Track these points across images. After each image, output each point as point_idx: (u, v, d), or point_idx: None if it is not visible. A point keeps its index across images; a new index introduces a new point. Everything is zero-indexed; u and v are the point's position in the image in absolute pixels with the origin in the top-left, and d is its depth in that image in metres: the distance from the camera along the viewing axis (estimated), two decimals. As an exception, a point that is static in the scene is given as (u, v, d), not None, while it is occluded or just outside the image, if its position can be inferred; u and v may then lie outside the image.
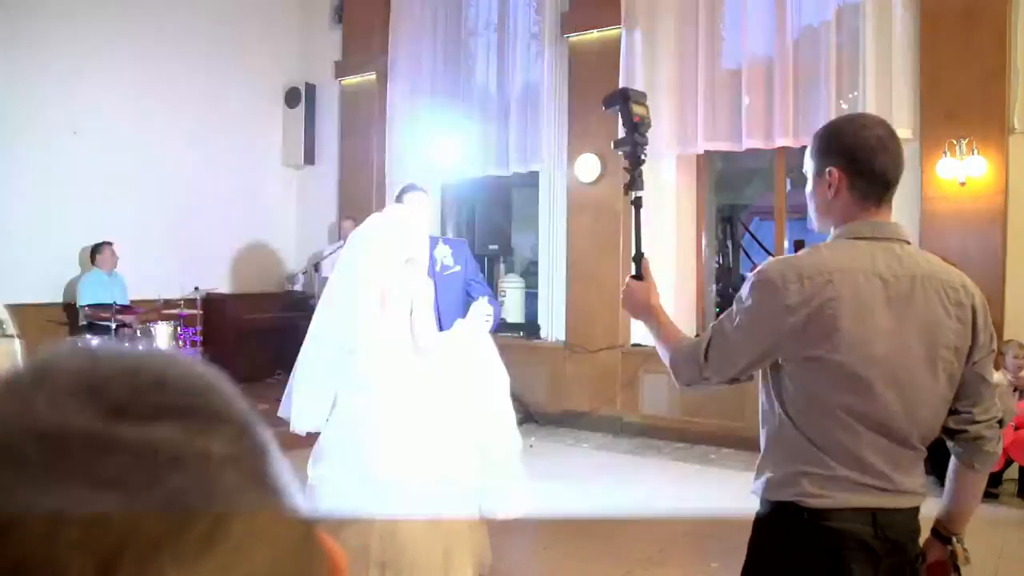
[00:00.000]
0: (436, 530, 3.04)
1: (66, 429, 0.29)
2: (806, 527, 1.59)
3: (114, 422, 0.30)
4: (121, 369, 0.32)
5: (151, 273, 7.60)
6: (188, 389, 0.33)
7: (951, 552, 1.73)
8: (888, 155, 1.66)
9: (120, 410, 0.30)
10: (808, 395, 1.61)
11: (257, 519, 0.31)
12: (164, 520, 0.28)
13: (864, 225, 1.66)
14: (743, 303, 1.66)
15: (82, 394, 0.30)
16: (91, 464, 0.28)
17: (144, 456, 0.29)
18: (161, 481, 0.29)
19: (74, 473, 0.28)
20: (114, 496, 0.28)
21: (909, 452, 1.61)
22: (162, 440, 0.30)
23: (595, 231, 7.17)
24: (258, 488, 0.32)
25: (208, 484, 0.30)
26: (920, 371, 1.58)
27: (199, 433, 0.31)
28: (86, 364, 0.32)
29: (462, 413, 3.18)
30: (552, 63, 7.54)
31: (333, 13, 9.24)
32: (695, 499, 5.03)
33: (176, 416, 0.31)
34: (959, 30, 5.69)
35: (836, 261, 1.60)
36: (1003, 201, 5.60)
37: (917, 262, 1.63)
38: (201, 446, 0.30)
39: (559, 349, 7.30)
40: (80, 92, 7.43)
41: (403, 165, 8.47)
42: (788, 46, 6.35)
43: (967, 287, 1.64)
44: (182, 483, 0.29)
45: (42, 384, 0.31)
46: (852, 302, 1.56)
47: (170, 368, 0.33)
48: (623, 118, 2.02)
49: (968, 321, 1.62)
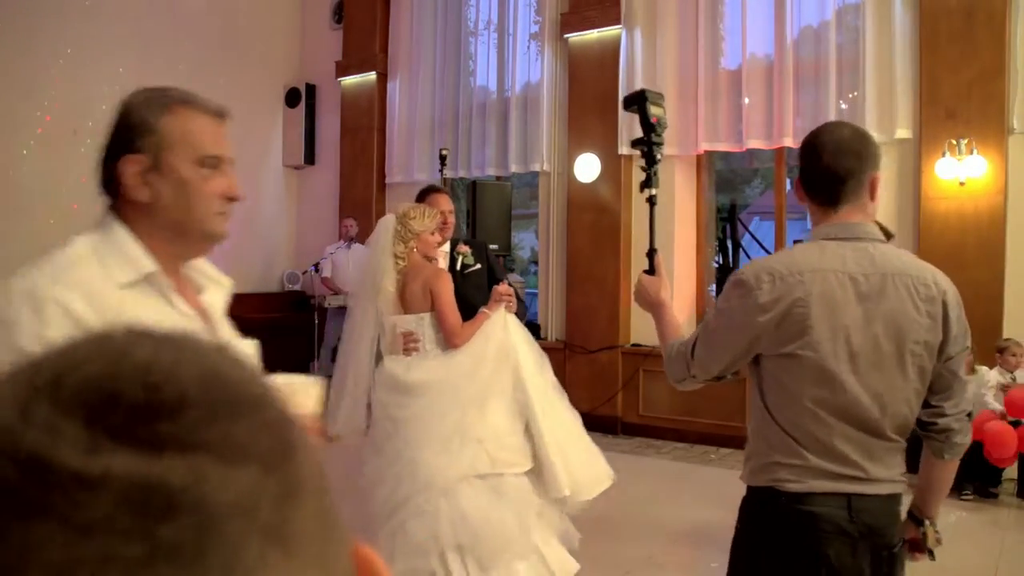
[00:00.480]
0: (501, 501, 3.03)
1: (52, 459, 0.26)
2: (783, 511, 1.67)
3: (110, 452, 0.26)
4: (142, 382, 0.28)
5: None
6: (210, 415, 0.28)
7: (923, 533, 1.82)
8: (834, 153, 1.70)
9: (122, 435, 0.27)
10: (783, 389, 1.69)
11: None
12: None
13: (832, 227, 1.72)
14: (722, 304, 1.77)
15: (82, 413, 0.27)
16: (74, 503, 0.25)
17: (135, 500, 0.25)
18: (148, 533, 0.25)
19: (53, 511, 0.25)
20: (92, 545, 0.24)
21: (883, 443, 1.68)
22: (160, 481, 0.26)
23: (594, 231, 7.17)
24: (272, 544, 0.27)
25: (204, 540, 0.26)
26: (889, 365, 1.65)
27: (209, 474, 0.27)
28: (105, 370, 0.28)
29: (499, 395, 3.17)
30: (552, 63, 7.54)
31: (333, 13, 9.24)
32: (695, 499, 5.03)
33: (186, 449, 0.27)
34: (959, 30, 5.69)
35: (807, 261, 1.68)
36: (1002, 201, 5.60)
37: (889, 260, 1.69)
38: (205, 491, 0.26)
39: (559, 349, 7.30)
40: (80, 92, 7.43)
41: (403, 165, 8.48)
42: (788, 46, 6.36)
43: (939, 283, 1.70)
44: (173, 537, 0.25)
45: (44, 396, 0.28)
46: (822, 300, 1.64)
47: (200, 385, 0.29)
48: (640, 118, 2.09)
49: (939, 316, 1.67)
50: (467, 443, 3.04)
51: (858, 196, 1.71)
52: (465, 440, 3.04)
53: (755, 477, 1.75)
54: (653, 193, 2.13)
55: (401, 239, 3.26)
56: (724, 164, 8.00)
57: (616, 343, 7.01)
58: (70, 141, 7.39)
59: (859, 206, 1.72)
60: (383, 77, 8.69)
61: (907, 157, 5.92)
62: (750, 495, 1.78)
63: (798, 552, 1.66)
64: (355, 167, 8.79)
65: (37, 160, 7.15)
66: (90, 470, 0.25)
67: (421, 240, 3.28)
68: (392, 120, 8.62)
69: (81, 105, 7.44)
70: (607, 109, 7.04)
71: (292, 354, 8.29)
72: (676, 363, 1.84)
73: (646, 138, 2.09)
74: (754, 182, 15.84)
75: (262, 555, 0.27)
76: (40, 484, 0.25)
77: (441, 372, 3.16)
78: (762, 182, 15.35)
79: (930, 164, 5.78)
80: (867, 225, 1.73)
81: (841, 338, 1.64)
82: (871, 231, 1.73)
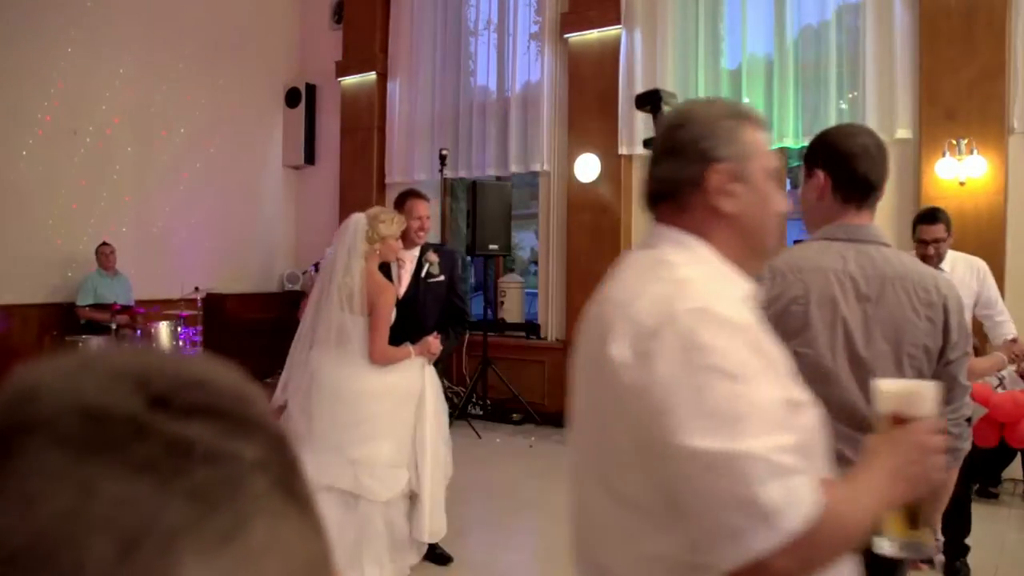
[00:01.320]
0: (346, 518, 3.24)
1: (110, 409, 0.30)
2: None
3: (155, 412, 0.30)
4: (165, 365, 0.33)
5: (151, 273, 7.61)
6: (227, 392, 0.33)
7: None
8: (870, 162, 1.74)
9: (162, 401, 0.31)
10: None
11: (279, 527, 0.31)
12: (189, 509, 0.28)
13: (839, 228, 1.74)
14: None
15: (128, 381, 0.31)
16: (127, 447, 0.29)
17: (179, 447, 0.30)
18: (191, 473, 0.29)
19: (110, 453, 0.29)
20: (145, 480, 0.28)
21: None
22: (199, 435, 0.30)
23: (594, 231, 7.17)
24: (284, 498, 0.32)
25: (236, 484, 0.30)
26: (886, 366, 1.66)
27: (234, 435, 0.31)
28: (132, 358, 0.33)
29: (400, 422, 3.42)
30: (552, 63, 7.54)
31: (333, 13, 9.24)
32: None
33: (214, 416, 0.32)
34: (959, 30, 5.69)
35: (808, 260, 1.70)
36: (1003, 201, 5.60)
37: (891, 263, 1.70)
38: (235, 447, 0.31)
39: (559, 349, 7.30)
40: (80, 92, 7.43)
41: (403, 165, 8.48)
42: (788, 46, 6.36)
43: (939, 288, 1.71)
44: (211, 478, 0.30)
45: (91, 369, 0.32)
46: (821, 298, 1.66)
47: (211, 372, 0.34)
48: (654, 118, 2.10)
49: (939, 321, 1.68)
50: (341, 460, 3.23)
51: (872, 205, 1.76)
52: (341, 456, 3.23)
53: None
54: None
55: (367, 239, 3.38)
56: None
57: (616, 343, 6.99)
58: (70, 141, 7.39)
59: (868, 212, 1.76)
60: (383, 77, 8.69)
61: (907, 157, 5.91)
62: None
63: None
64: (355, 167, 8.79)
65: (37, 160, 7.15)
66: (145, 420, 0.30)
67: (385, 244, 3.41)
68: (392, 120, 8.62)
69: (81, 105, 7.45)
70: (607, 109, 7.04)
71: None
72: None
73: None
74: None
75: (284, 506, 0.32)
76: (101, 431, 0.29)
77: (354, 383, 3.32)
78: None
79: (930, 164, 5.78)
80: (872, 228, 1.75)
81: (839, 337, 1.65)
82: (875, 234, 1.74)
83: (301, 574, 0.31)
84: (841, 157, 1.75)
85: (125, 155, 7.79)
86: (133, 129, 7.84)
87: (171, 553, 0.27)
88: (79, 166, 7.45)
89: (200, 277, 7.77)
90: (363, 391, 3.32)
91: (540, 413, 6.98)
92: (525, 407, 6.92)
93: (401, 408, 3.40)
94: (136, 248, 7.67)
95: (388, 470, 3.32)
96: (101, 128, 7.60)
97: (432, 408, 3.49)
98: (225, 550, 0.28)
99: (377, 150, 8.67)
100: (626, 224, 7.09)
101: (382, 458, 3.30)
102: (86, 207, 7.46)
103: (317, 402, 3.29)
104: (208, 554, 0.28)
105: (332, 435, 3.25)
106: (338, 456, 3.23)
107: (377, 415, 3.33)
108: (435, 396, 3.55)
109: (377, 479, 3.29)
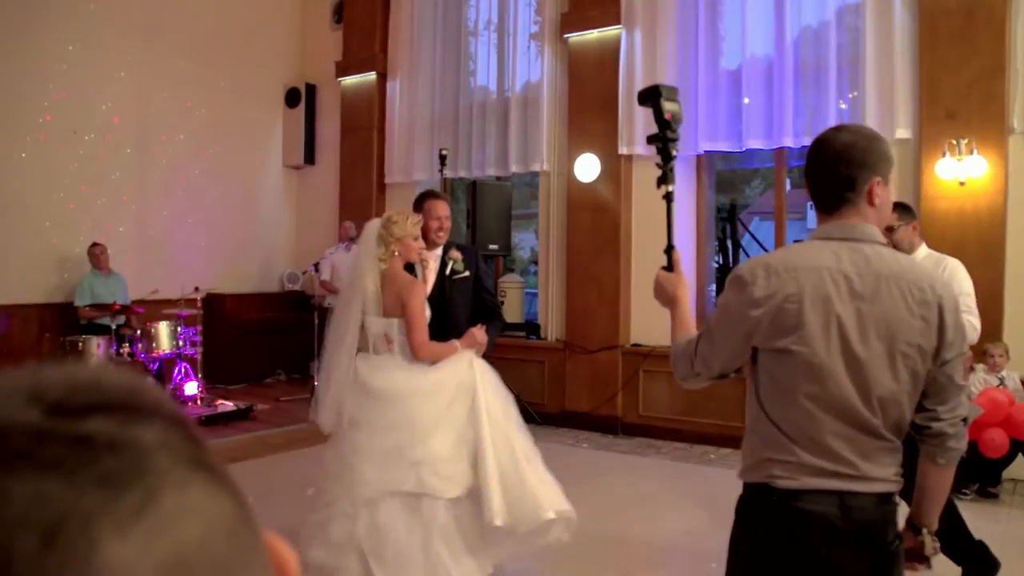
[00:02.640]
0: (413, 520, 3.20)
1: (10, 423, 0.32)
2: (775, 508, 1.69)
3: (53, 418, 0.32)
4: (59, 375, 0.35)
5: (151, 273, 7.61)
6: (119, 388, 0.35)
7: (920, 542, 1.82)
8: (832, 163, 1.75)
9: (59, 408, 0.33)
10: (776, 384, 1.71)
11: (189, 493, 0.33)
12: (100, 494, 0.31)
13: (833, 227, 1.75)
14: (720, 300, 1.81)
15: (23, 396, 0.33)
16: (32, 453, 0.31)
17: (81, 443, 0.32)
18: (98, 463, 0.31)
19: (18, 461, 0.31)
20: (54, 477, 0.30)
21: (877, 441, 1.69)
22: (98, 430, 0.33)
23: (594, 231, 7.17)
24: (191, 469, 0.34)
25: (141, 464, 0.32)
26: (880, 365, 1.67)
27: (131, 423, 0.34)
28: (26, 374, 0.35)
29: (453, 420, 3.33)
30: (552, 63, 7.54)
31: (333, 13, 9.25)
32: (695, 499, 5.03)
33: (110, 410, 0.34)
34: (958, 30, 5.69)
35: (803, 258, 1.72)
36: (1003, 201, 5.60)
37: (885, 262, 1.71)
38: (134, 434, 0.33)
39: (559, 349, 7.31)
40: (80, 92, 7.43)
41: (403, 165, 8.48)
42: (788, 46, 6.36)
43: (935, 287, 1.71)
44: (117, 464, 0.32)
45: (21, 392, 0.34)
46: (815, 296, 1.67)
47: (104, 373, 0.36)
48: (655, 114, 2.10)
49: (933, 321, 1.69)
50: (402, 463, 3.21)
51: (855, 203, 1.74)
52: (401, 459, 3.21)
53: (749, 474, 1.77)
54: (670, 190, 2.17)
55: (383, 243, 3.37)
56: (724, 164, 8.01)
57: (616, 343, 7.01)
58: (70, 141, 7.40)
59: (856, 211, 1.75)
60: (383, 77, 8.69)
61: (907, 157, 5.91)
62: (745, 492, 1.79)
63: (791, 549, 1.67)
64: (355, 167, 8.80)
65: (37, 160, 7.15)
66: (45, 426, 0.32)
67: (403, 245, 3.38)
68: (392, 120, 8.62)
69: (81, 105, 7.45)
70: (607, 109, 7.05)
71: (292, 354, 8.29)
72: (682, 360, 1.88)
73: (661, 134, 2.12)
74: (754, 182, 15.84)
75: (190, 475, 0.34)
76: (5, 443, 0.31)
77: (402, 384, 3.31)
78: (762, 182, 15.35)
79: (930, 164, 5.78)
80: (866, 226, 1.74)
81: (834, 334, 1.65)
82: (870, 232, 1.74)
83: (220, 535, 0.33)
84: (812, 163, 1.80)
85: (125, 155, 7.79)
86: (133, 129, 7.84)
87: (90, 534, 0.30)
88: (79, 166, 7.45)
89: (200, 277, 7.76)
90: (413, 391, 3.29)
91: (540, 413, 6.98)
92: (525, 407, 6.91)
93: (455, 403, 3.32)
94: (136, 248, 7.67)
95: (451, 466, 3.24)
96: (101, 128, 7.60)
97: (489, 400, 3.35)
98: (140, 522, 0.31)
99: (377, 150, 8.67)
100: (626, 224, 7.09)
101: (443, 455, 3.24)
102: (84, 207, 7.46)
103: (369, 410, 3.28)
104: (125, 527, 0.30)
105: (389, 439, 3.22)
106: (399, 459, 3.19)
107: (431, 413, 3.27)
108: (491, 387, 3.41)
109: (441, 476, 3.22)
